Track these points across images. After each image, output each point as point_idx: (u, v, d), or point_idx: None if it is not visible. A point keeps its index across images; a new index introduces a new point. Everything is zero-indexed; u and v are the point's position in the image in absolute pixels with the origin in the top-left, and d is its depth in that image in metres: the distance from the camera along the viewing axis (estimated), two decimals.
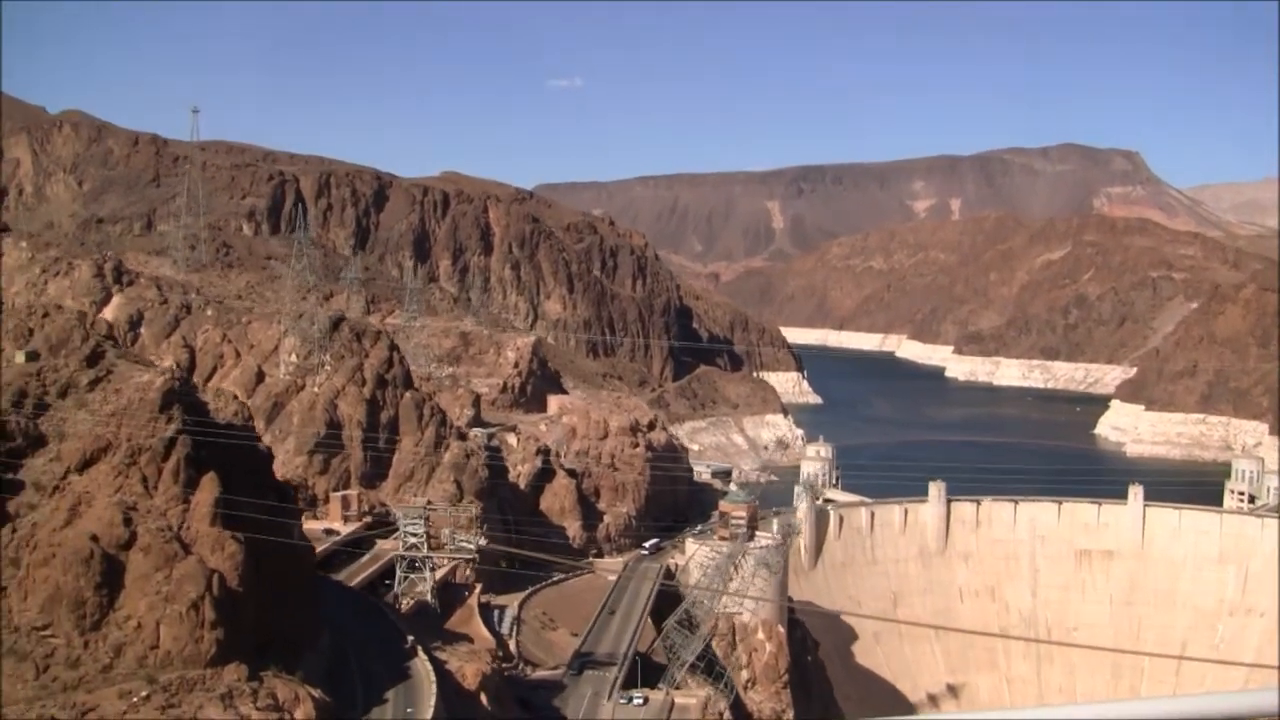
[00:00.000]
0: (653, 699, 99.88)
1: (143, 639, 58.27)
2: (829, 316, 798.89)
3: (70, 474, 64.30)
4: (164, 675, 57.21)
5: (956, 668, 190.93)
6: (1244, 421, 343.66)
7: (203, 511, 62.91)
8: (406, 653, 74.71)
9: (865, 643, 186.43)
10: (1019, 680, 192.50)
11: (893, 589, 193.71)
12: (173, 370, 72.48)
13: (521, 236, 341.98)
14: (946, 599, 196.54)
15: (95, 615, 58.63)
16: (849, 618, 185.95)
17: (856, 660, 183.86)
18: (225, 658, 58.88)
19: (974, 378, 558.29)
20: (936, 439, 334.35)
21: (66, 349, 71.69)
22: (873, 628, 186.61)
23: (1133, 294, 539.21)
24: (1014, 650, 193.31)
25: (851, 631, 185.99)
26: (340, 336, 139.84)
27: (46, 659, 57.29)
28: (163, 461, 64.00)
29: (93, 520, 60.83)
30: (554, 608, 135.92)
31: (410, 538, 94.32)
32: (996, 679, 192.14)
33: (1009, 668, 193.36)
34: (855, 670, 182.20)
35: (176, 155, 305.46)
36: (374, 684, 70.25)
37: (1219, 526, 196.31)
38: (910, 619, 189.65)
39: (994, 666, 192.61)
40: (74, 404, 68.50)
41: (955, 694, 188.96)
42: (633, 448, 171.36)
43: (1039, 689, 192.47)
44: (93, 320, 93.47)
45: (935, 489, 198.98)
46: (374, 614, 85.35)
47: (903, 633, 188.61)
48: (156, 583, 59.41)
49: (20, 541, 61.58)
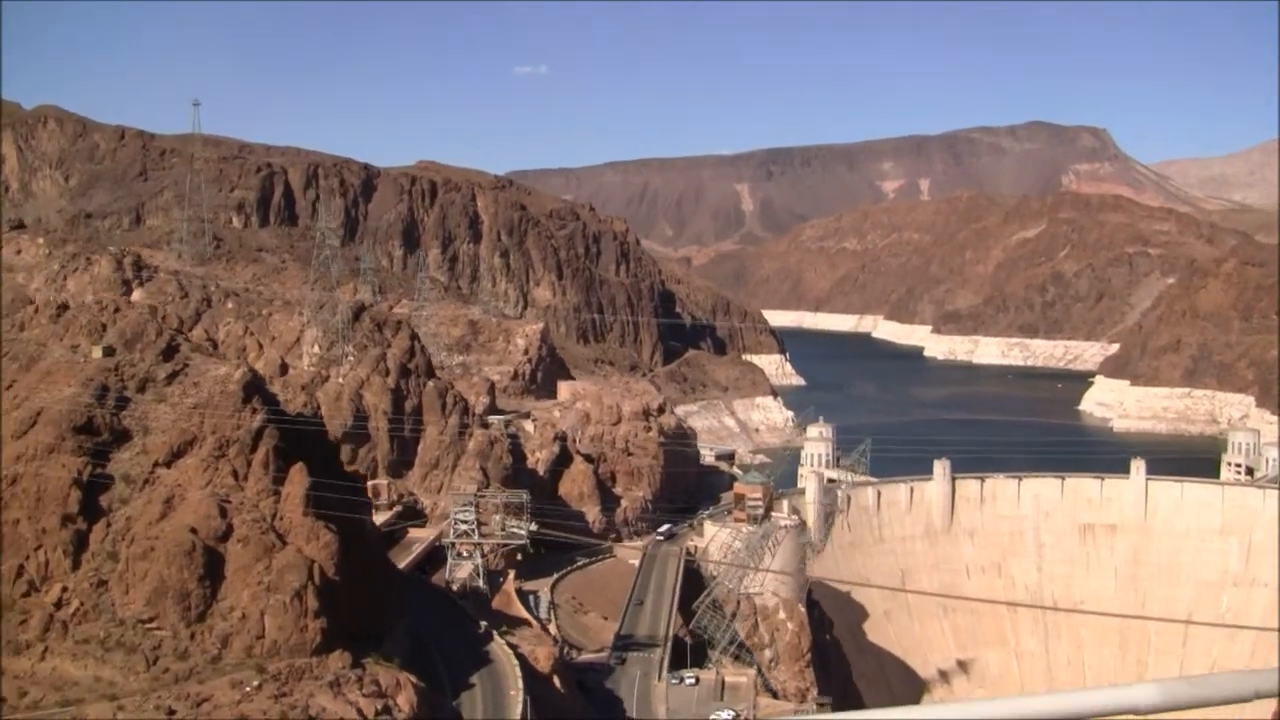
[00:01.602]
0: (703, 678, 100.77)
1: (248, 629, 58.65)
2: (804, 298, 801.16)
3: (158, 467, 64.50)
4: (272, 665, 57.64)
5: (966, 644, 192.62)
6: (1229, 395, 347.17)
7: (294, 502, 63.27)
8: (481, 638, 75.27)
9: (876, 621, 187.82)
10: (1028, 655, 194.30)
11: (900, 567, 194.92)
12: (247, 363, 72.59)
13: (510, 224, 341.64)
14: (954, 575, 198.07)
15: (200, 607, 58.99)
16: (859, 596, 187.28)
17: (868, 638, 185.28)
18: (329, 646, 59.39)
19: (953, 356, 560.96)
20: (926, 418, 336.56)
21: (141, 344, 71.70)
22: (883, 606, 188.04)
23: (1109, 270, 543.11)
24: (1022, 626, 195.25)
25: (862, 610, 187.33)
26: (361, 327, 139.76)
27: (155, 651, 57.64)
28: (251, 453, 64.34)
29: (189, 513, 61.07)
30: (582, 592, 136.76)
31: (461, 524, 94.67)
32: (1005, 654, 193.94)
33: (1017, 643, 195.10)
34: (867, 648, 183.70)
35: (163, 149, 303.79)
36: (458, 669, 70.85)
37: (1221, 499, 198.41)
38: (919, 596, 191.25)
39: (1003, 642, 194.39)
40: (153, 398, 68.55)
41: (965, 670, 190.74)
42: (645, 432, 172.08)
43: (1047, 663, 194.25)
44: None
45: (940, 467, 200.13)
46: (439, 600, 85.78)
47: (912, 611, 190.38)
48: (257, 573, 59.77)
49: (116, 535, 61.76)
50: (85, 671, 55.86)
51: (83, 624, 58.20)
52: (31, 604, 58.95)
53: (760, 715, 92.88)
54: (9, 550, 59.93)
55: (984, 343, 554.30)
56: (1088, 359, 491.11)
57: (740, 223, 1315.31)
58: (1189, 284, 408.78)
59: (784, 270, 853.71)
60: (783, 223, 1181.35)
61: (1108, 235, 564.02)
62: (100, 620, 58.30)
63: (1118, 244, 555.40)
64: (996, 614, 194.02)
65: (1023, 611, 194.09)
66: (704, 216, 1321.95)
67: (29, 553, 60.24)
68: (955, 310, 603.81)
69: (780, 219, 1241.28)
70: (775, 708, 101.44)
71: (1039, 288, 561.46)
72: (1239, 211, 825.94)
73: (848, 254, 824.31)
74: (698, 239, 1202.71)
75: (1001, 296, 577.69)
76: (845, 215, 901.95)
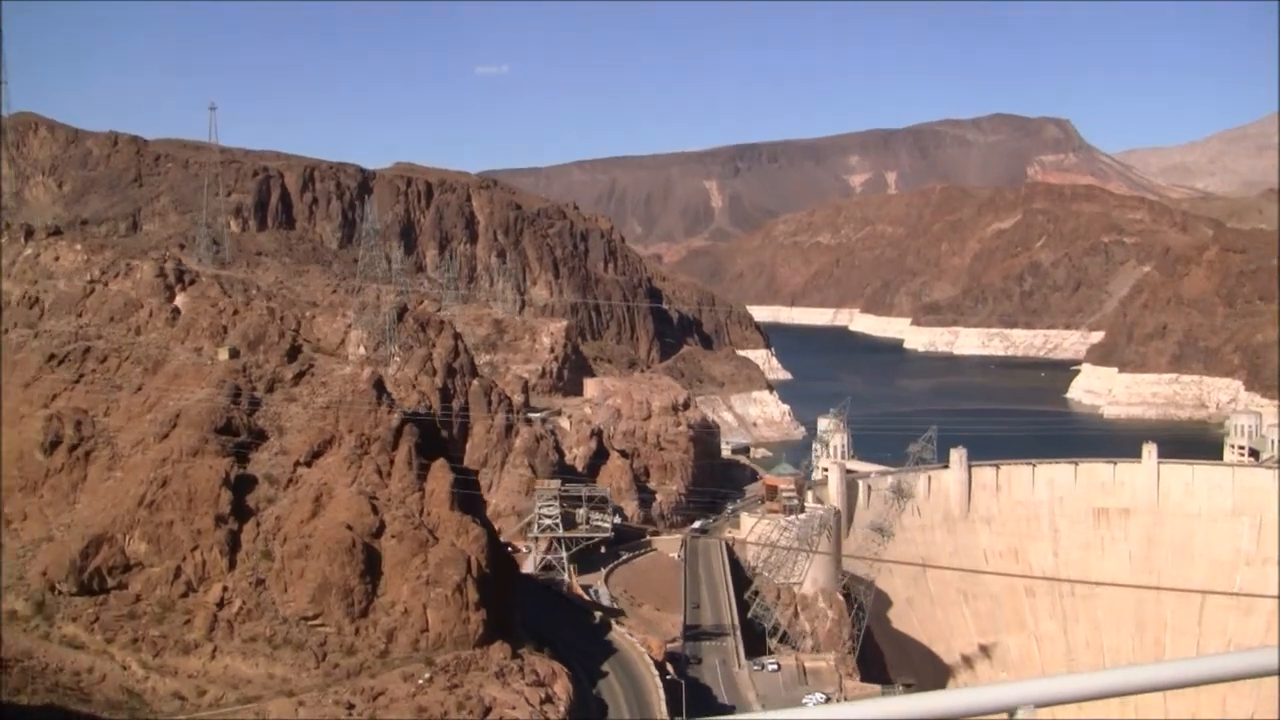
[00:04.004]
0: (784, 664, 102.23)
1: (411, 623, 59.64)
2: (779, 293, 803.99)
3: (299, 466, 65.26)
4: (439, 657, 58.59)
5: (987, 629, 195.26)
6: (1216, 379, 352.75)
7: (440, 497, 64.31)
8: (599, 628, 76.38)
9: (899, 608, 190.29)
10: (1047, 638, 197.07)
11: (920, 554, 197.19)
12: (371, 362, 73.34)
13: (505, 224, 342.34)
14: (972, 562, 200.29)
15: (362, 603, 59.94)
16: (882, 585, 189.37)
17: (893, 626, 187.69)
18: (490, 637, 60.44)
19: (934, 348, 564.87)
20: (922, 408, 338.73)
21: (264, 345, 72.39)
22: (905, 594, 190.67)
23: (1085, 260, 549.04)
24: (1040, 610, 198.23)
25: (886, 599, 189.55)
26: (405, 327, 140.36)
27: (322, 647, 58.54)
28: (393, 450, 65.22)
29: (340, 510, 61.96)
30: (631, 585, 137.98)
31: (545, 519, 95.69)
32: (1025, 638, 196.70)
33: (1036, 626, 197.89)
34: (891, 635, 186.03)
35: (158, 154, 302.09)
36: (587, 658, 71.92)
37: (1231, 480, 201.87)
38: (939, 583, 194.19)
39: (1022, 626, 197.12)
40: (283, 398, 69.27)
41: (988, 654, 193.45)
42: (675, 426, 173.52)
43: (1066, 646, 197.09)
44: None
45: (956, 455, 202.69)
46: (540, 591, 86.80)
47: (934, 598, 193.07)
48: (415, 568, 60.75)
49: (267, 534, 62.51)
50: (258, 669, 56.64)
51: (247, 622, 58.97)
52: (193, 604, 59.62)
53: (850, 699, 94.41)
54: (165, 551, 60.52)
55: (964, 334, 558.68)
56: (1068, 348, 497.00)
57: (709, 219, 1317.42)
58: (1172, 271, 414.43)
59: (758, 265, 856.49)
60: (752, 218, 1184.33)
61: (1083, 225, 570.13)
62: (264, 619, 59.07)
63: (1093, 233, 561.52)
64: (1015, 599, 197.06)
65: (1040, 596, 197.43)
66: (673, 214, 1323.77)
67: (185, 554, 60.89)
68: (934, 302, 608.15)
69: (749, 215, 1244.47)
70: (863, 690, 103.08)
71: (1017, 278, 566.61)
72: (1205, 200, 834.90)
73: (821, 248, 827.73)
74: (668, 236, 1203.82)
75: (979, 287, 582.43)
76: (818, 210, 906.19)
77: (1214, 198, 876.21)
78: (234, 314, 76.13)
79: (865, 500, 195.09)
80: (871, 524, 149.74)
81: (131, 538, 60.55)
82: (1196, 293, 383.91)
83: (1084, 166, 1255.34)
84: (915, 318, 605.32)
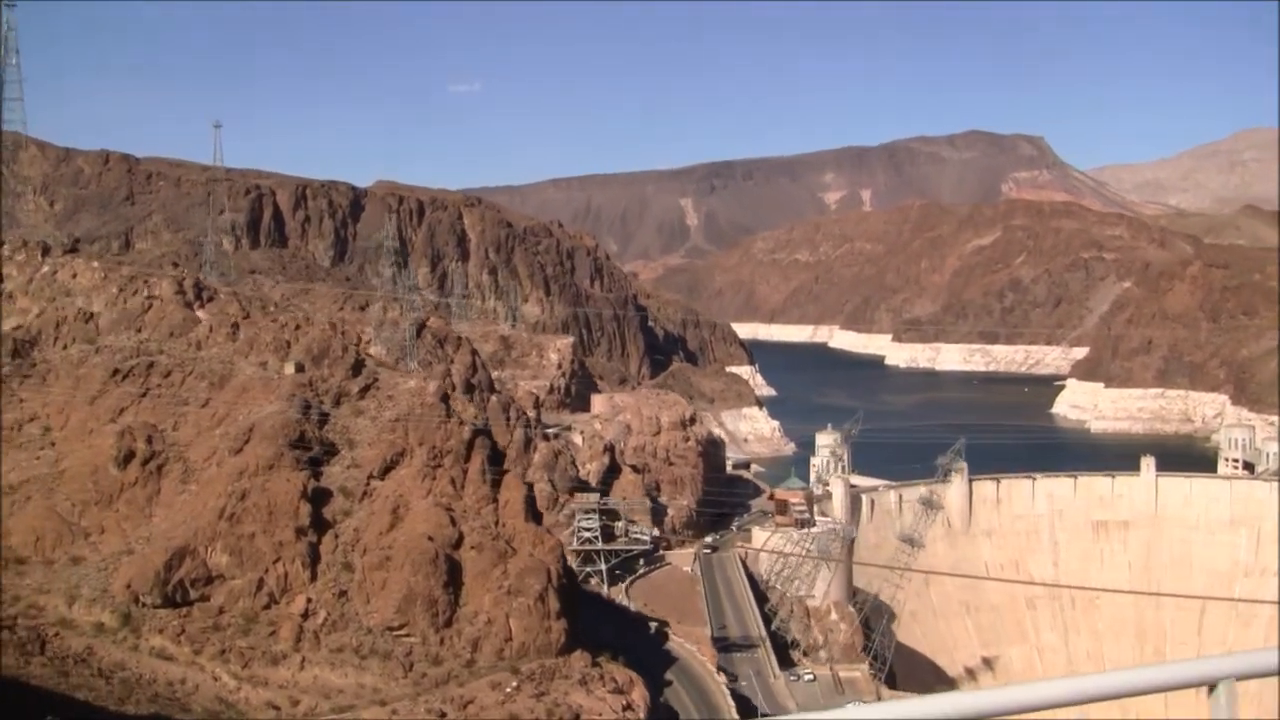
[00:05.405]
0: (819, 674, 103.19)
1: (495, 632, 60.40)
2: (758, 310, 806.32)
3: (372, 479, 65.96)
4: (524, 666, 59.39)
5: (989, 641, 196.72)
6: (1202, 394, 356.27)
7: (515, 509, 65.15)
8: (655, 637, 77.23)
9: (903, 620, 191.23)
10: (1048, 649, 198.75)
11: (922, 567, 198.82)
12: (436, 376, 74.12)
13: (496, 241, 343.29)
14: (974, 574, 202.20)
15: (446, 612, 60.62)
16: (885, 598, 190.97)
17: (897, 638, 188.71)
18: (571, 646, 61.26)
19: (915, 364, 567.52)
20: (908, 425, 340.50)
21: (329, 359, 73.08)
22: (909, 606, 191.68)
23: (1066, 275, 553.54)
24: (1042, 622, 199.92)
25: (890, 611, 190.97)
26: (423, 343, 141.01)
27: (408, 657, 59.24)
28: (465, 462, 66.01)
29: (419, 522, 62.70)
30: (650, 598, 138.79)
31: (584, 532, 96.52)
32: (1027, 649, 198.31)
33: (1038, 638, 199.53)
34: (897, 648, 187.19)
35: (149, 173, 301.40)
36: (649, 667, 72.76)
37: (1229, 492, 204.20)
38: (941, 596, 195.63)
39: (1024, 638, 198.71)
40: (349, 411, 70.00)
41: (990, 666, 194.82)
42: (684, 442, 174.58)
43: (1068, 656, 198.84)
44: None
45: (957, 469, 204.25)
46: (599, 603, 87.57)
47: (936, 611, 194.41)
48: (495, 578, 61.57)
49: (345, 546, 63.19)
50: (347, 679, 57.27)
51: (332, 633, 59.60)
52: (277, 615, 60.21)
53: None
54: (247, 564, 61.11)
55: (945, 350, 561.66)
56: (1049, 363, 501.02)
57: (685, 237, 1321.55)
58: (1155, 287, 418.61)
59: (736, 283, 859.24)
60: (727, 236, 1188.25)
61: (1062, 241, 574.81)
62: (349, 629, 59.73)
63: (1072, 249, 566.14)
64: (1017, 611, 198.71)
65: (1041, 608, 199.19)
66: (649, 231, 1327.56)
67: (267, 566, 61.47)
68: (915, 318, 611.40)
69: (725, 232, 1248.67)
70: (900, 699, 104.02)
71: (997, 294, 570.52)
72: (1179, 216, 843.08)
73: (800, 265, 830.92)
74: (644, 253, 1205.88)
75: (960, 304, 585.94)
76: (796, 227, 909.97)
77: (1188, 214, 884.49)
78: (296, 329, 76.82)
79: (869, 514, 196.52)
80: (901, 534, 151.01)
81: (213, 550, 61.11)
82: (1180, 308, 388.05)
83: (1058, 183, 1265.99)
84: (896, 334, 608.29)
